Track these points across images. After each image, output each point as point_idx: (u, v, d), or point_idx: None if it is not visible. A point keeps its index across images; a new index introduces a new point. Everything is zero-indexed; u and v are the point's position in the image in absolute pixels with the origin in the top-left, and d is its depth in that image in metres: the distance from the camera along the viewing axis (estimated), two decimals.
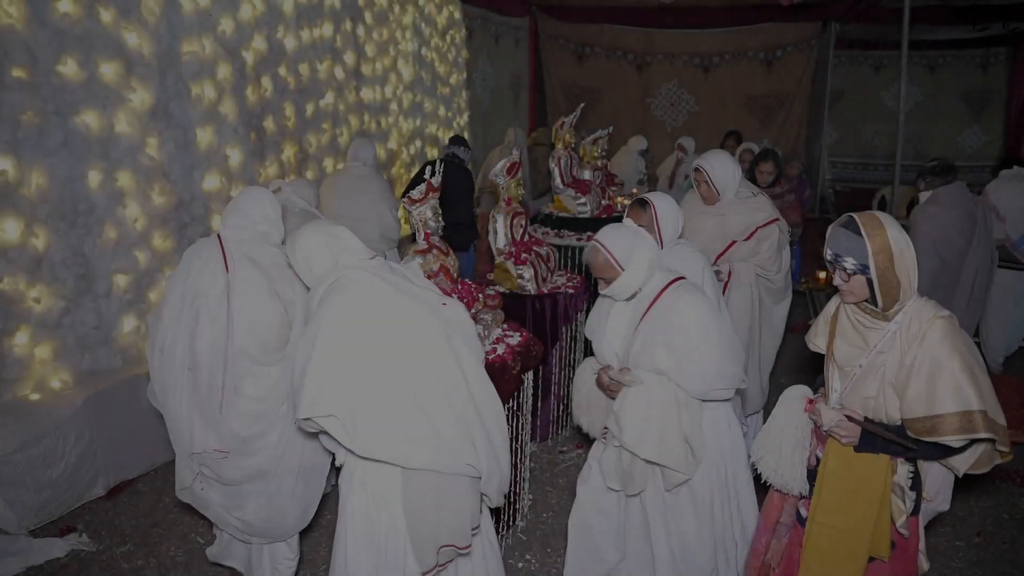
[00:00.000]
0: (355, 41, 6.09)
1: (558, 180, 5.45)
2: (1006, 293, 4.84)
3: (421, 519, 2.07)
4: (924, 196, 3.77)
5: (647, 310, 2.38)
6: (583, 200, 5.32)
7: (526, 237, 4.10)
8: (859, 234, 1.91)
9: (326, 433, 2.04)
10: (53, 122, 3.37)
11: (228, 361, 2.44)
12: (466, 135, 8.22)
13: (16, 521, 3.15)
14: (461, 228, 5.29)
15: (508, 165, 3.90)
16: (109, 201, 3.67)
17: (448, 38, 8.19)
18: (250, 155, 4.64)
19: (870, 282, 1.91)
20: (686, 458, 2.34)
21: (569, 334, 4.14)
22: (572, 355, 4.23)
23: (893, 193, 5.76)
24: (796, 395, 2.15)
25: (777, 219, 3.49)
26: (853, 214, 1.96)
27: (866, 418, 1.99)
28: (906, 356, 1.91)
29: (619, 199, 5.83)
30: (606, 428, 2.47)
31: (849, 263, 1.92)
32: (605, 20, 10.59)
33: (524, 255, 3.94)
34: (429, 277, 3.13)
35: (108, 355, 3.74)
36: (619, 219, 5.40)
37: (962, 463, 2.02)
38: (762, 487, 2.29)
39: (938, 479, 2.12)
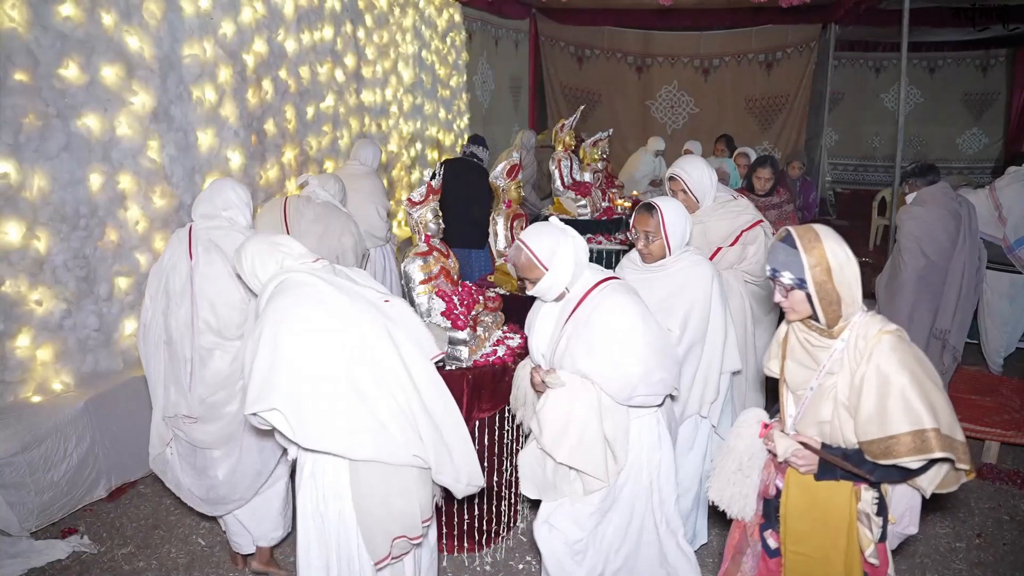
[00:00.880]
0: (355, 44, 6.11)
1: (558, 182, 5.47)
2: (1002, 295, 4.86)
3: (370, 511, 2.13)
4: (910, 198, 3.81)
5: (573, 310, 2.32)
6: (583, 202, 5.33)
7: None
8: (795, 248, 1.85)
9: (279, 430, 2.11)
10: (55, 125, 3.38)
11: (195, 337, 2.71)
12: (465, 138, 8.25)
13: (18, 523, 3.15)
14: (478, 227, 5.16)
15: (508, 167, 3.91)
16: (110, 204, 3.68)
17: (448, 41, 8.21)
18: (251, 158, 4.65)
19: (809, 297, 1.85)
20: (605, 464, 2.27)
21: None
22: None
23: (893, 195, 5.77)
24: (750, 418, 2.08)
25: (761, 221, 3.38)
26: (790, 227, 1.91)
27: (824, 444, 1.92)
28: (855, 375, 1.84)
29: (619, 201, 5.84)
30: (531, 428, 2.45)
31: (786, 278, 1.87)
32: (605, 22, 10.61)
33: None
34: (429, 279, 3.14)
35: (109, 357, 3.74)
36: (619, 221, 5.44)
37: (928, 483, 1.93)
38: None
39: (903, 501, 2.03)
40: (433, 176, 3.21)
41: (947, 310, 3.59)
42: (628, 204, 5.99)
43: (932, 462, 1.84)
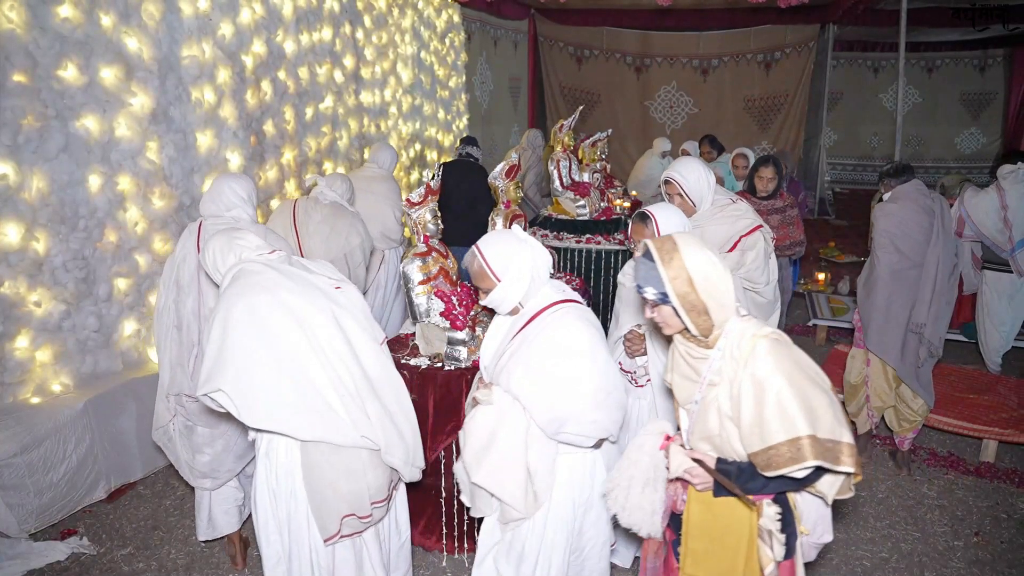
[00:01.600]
0: (354, 45, 6.11)
1: (557, 183, 5.47)
2: (1001, 295, 4.87)
3: (319, 489, 2.22)
4: (886, 197, 3.87)
5: (523, 327, 2.18)
6: (582, 203, 5.33)
7: None
8: (654, 261, 1.77)
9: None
10: (54, 126, 3.38)
11: (201, 325, 2.88)
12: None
13: (17, 524, 3.16)
14: (483, 226, 5.28)
15: (507, 168, 3.92)
16: (109, 205, 3.68)
17: (447, 41, 8.22)
18: (250, 158, 4.65)
19: (676, 311, 1.77)
20: (524, 497, 2.14)
21: None
22: None
23: None
24: (654, 430, 1.97)
25: (760, 226, 3.24)
26: (648, 241, 1.82)
27: (720, 459, 1.83)
28: (733, 384, 1.75)
29: (617, 202, 5.84)
30: None
31: (650, 293, 1.78)
32: (604, 23, 10.63)
33: None
34: (428, 280, 3.14)
35: (109, 358, 3.75)
36: (618, 222, 5.45)
37: (828, 488, 1.82)
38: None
39: (813, 510, 1.92)
40: (432, 177, 3.22)
41: (923, 304, 3.63)
42: (627, 205, 5.99)
43: (823, 468, 1.73)
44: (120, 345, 3.81)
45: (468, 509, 2.39)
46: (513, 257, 2.16)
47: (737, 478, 1.80)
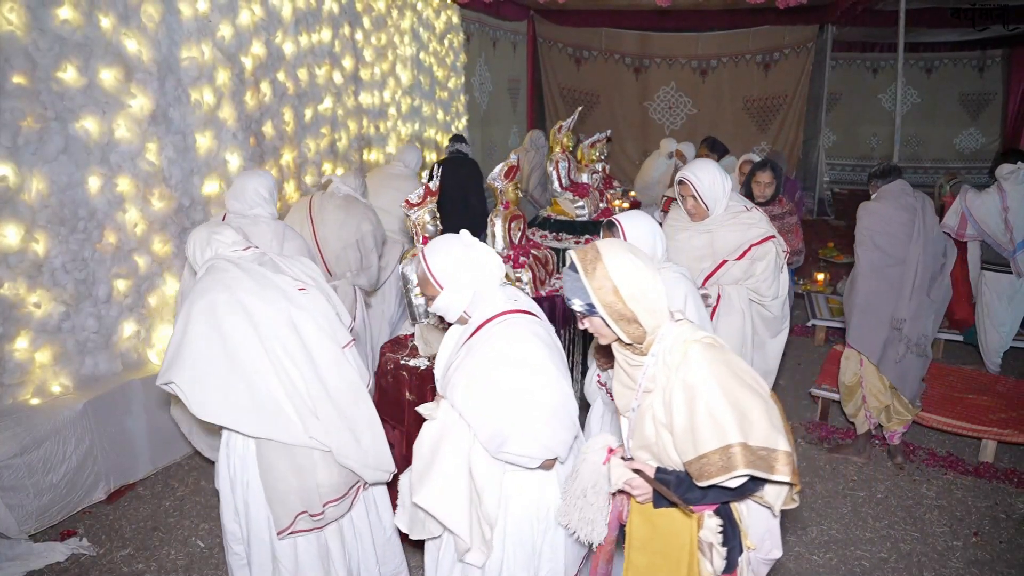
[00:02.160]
0: (353, 46, 6.12)
1: (556, 184, 5.48)
2: (1001, 296, 4.88)
3: (272, 484, 2.31)
4: (873, 196, 3.93)
5: (468, 338, 2.09)
6: (581, 203, 5.34)
7: (524, 240, 4.12)
8: (577, 272, 1.70)
9: None
10: (53, 128, 3.39)
11: None
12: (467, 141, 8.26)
13: (17, 525, 3.16)
14: (476, 217, 5.51)
15: (506, 169, 3.92)
16: (109, 206, 3.69)
17: (446, 42, 8.22)
18: (249, 160, 4.66)
19: (604, 320, 1.70)
20: (469, 523, 2.04)
21: (567, 337, 4.16)
22: (571, 358, 4.24)
23: None
24: (597, 443, 1.89)
25: (773, 236, 3.12)
26: (572, 252, 1.75)
27: (659, 468, 1.76)
28: (665, 391, 1.69)
29: (617, 202, 5.85)
30: None
31: (576, 305, 1.72)
32: (603, 24, 10.63)
33: (522, 258, 3.96)
34: None
35: (108, 360, 3.75)
36: None
37: (775, 499, 1.74)
38: None
39: (761, 524, 1.84)
40: (431, 178, 3.22)
41: (903, 300, 3.67)
42: (627, 206, 6.00)
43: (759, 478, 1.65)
44: (120, 346, 3.81)
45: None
46: (456, 264, 2.07)
47: (676, 488, 1.72)
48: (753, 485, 1.69)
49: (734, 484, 1.64)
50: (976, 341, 5.14)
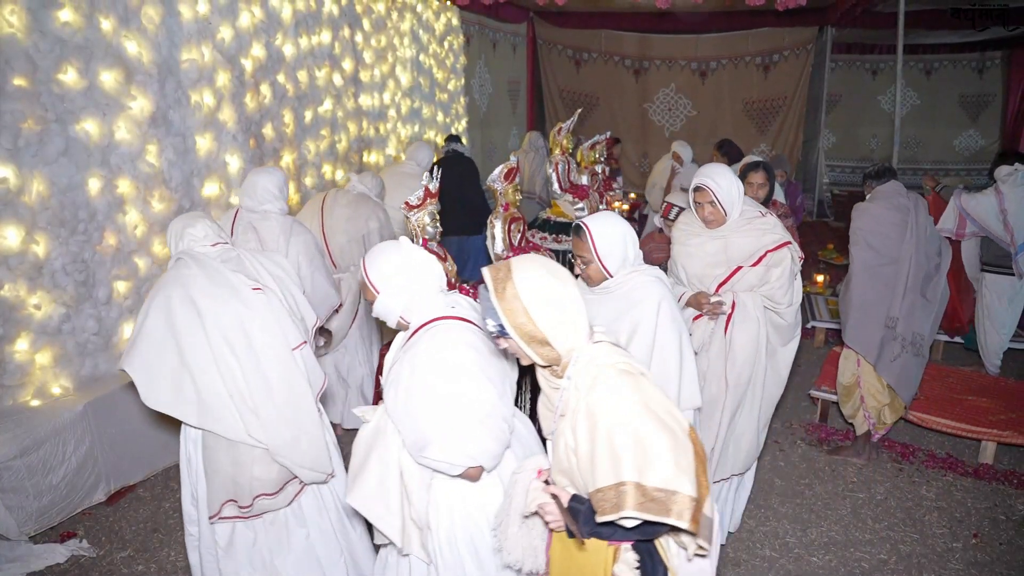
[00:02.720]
0: (353, 48, 6.13)
1: (556, 185, 5.48)
2: (1001, 297, 4.88)
3: (209, 470, 2.49)
4: (868, 197, 3.95)
5: (404, 343, 2.10)
6: (581, 205, 5.34)
7: (524, 242, 4.12)
8: (488, 291, 1.62)
9: None
10: (53, 130, 3.39)
11: None
12: (464, 141, 8.26)
13: (16, 527, 3.16)
14: (474, 211, 5.71)
15: (505, 171, 3.92)
16: (109, 208, 3.69)
17: (446, 44, 8.23)
18: (249, 162, 4.66)
19: (516, 342, 1.62)
20: (402, 526, 2.05)
21: None
22: None
23: None
24: (530, 465, 1.82)
25: (789, 242, 3.02)
26: (485, 269, 1.66)
27: (574, 496, 1.66)
28: (575, 415, 1.60)
29: (616, 204, 5.85)
30: None
31: (490, 326, 1.63)
32: (602, 25, 10.64)
33: None
34: None
35: (108, 361, 3.75)
36: None
37: (690, 540, 1.63)
38: None
39: (694, 564, 1.70)
40: (431, 180, 3.22)
41: (896, 299, 3.69)
42: (626, 207, 6.00)
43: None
44: (120, 348, 3.81)
45: None
46: (393, 270, 2.08)
47: (587, 518, 1.59)
48: (661, 526, 1.55)
49: (628, 524, 1.52)
50: (976, 346, 5.14)
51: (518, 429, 2.18)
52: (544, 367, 1.68)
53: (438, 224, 3.29)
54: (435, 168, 3.49)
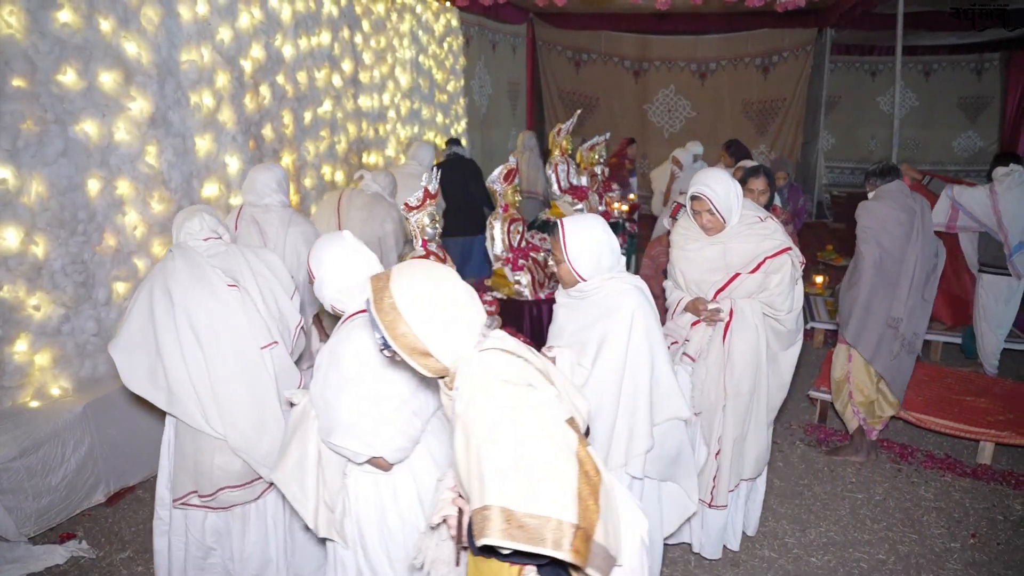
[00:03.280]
0: (353, 49, 6.13)
1: (555, 186, 5.49)
2: (998, 298, 4.89)
3: (178, 455, 2.61)
4: (870, 195, 3.94)
5: (337, 329, 2.16)
6: (580, 206, 5.34)
7: (523, 243, 4.13)
8: (370, 300, 1.54)
9: None
10: (53, 131, 3.40)
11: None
12: (463, 142, 8.28)
13: (15, 528, 3.16)
14: (477, 211, 5.78)
15: (505, 172, 3.93)
16: (108, 209, 3.70)
17: (446, 45, 8.24)
18: (249, 163, 4.66)
19: (399, 354, 1.54)
20: (315, 508, 2.13)
21: None
22: None
23: None
24: (450, 473, 1.76)
25: (789, 248, 2.93)
26: (370, 277, 1.59)
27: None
28: (457, 428, 1.52)
29: (616, 205, 5.86)
30: None
31: (376, 338, 1.55)
32: (602, 27, 10.65)
33: (521, 261, 3.97)
34: None
35: (108, 362, 3.75)
36: (616, 225, 5.45)
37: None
38: None
39: None
40: (431, 181, 3.23)
41: (899, 300, 3.71)
42: (626, 208, 6.01)
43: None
44: None
45: None
46: (328, 258, 2.17)
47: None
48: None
49: (504, 551, 1.39)
50: (976, 355, 5.13)
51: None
52: (437, 379, 1.60)
53: (438, 225, 3.30)
54: (435, 169, 3.51)
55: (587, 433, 2.02)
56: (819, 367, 4.98)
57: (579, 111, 6.75)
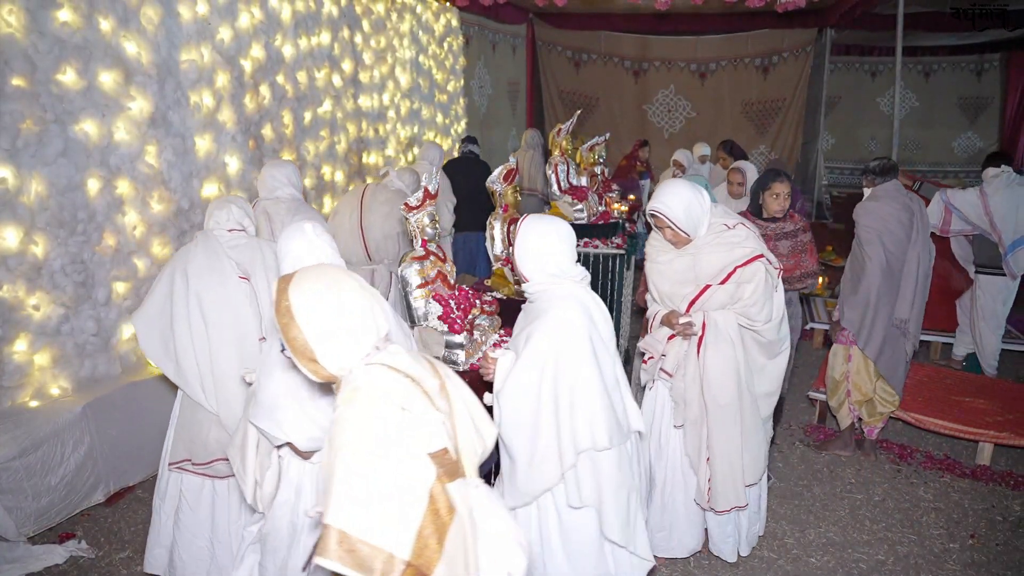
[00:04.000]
0: (353, 49, 6.13)
1: (555, 186, 5.48)
2: (995, 298, 4.90)
3: (178, 423, 2.83)
4: (867, 192, 3.94)
5: None
6: (580, 207, 5.34)
7: None
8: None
9: None
10: (52, 130, 3.39)
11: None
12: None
13: (15, 528, 3.16)
14: (483, 213, 5.66)
15: (504, 172, 3.93)
16: (108, 209, 3.69)
17: (445, 45, 8.24)
18: (248, 163, 4.66)
19: (291, 359, 1.57)
20: (253, 485, 2.28)
21: None
22: None
23: None
24: None
25: (761, 255, 2.78)
26: (279, 278, 1.61)
27: None
28: None
29: (615, 205, 5.85)
30: None
31: (277, 344, 1.65)
32: (602, 27, 10.65)
33: None
34: (426, 284, 3.16)
35: (107, 362, 3.75)
36: (615, 226, 5.45)
37: None
38: None
39: None
40: (434, 176, 3.23)
41: (904, 300, 3.73)
42: (625, 208, 6.00)
43: None
44: (119, 349, 3.81)
45: None
46: (284, 252, 2.25)
47: None
48: None
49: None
50: (978, 369, 5.12)
51: None
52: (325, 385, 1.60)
53: (437, 225, 3.29)
54: (434, 169, 3.53)
55: (494, 458, 2.06)
56: (818, 368, 4.99)
57: (579, 111, 6.75)
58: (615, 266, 4.89)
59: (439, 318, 3.11)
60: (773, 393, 3.00)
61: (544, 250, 2.32)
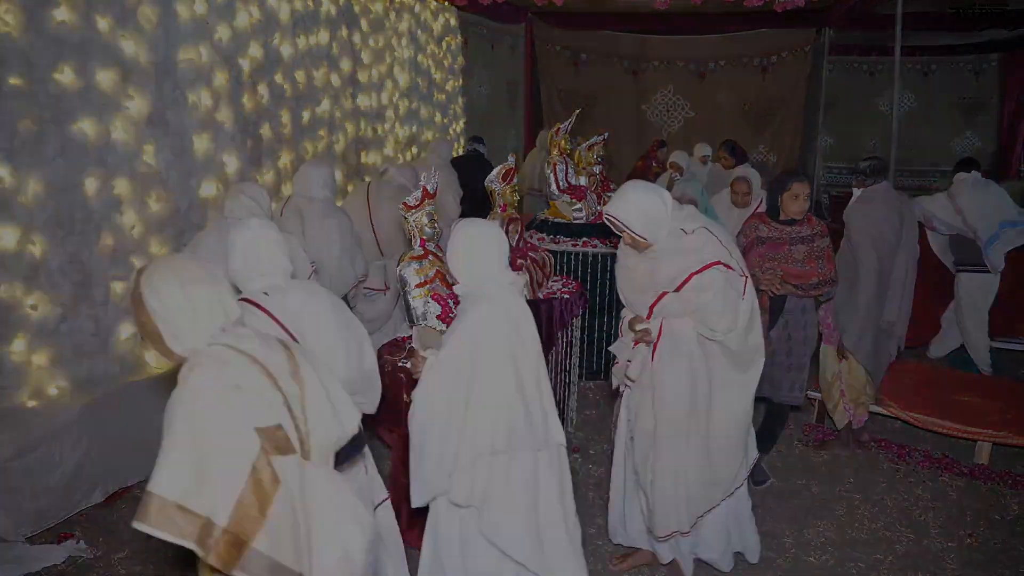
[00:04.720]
0: (351, 48, 6.13)
1: (554, 186, 5.48)
2: (976, 293, 4.93)
3: None
4: (857, 192, 3.96)
5: None
6: (578, 206, 5.34)
7: (522, 243, 4.12)
8: None
9: None
10: (50, 130, 3.39)
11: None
12: (462, 141, 8.28)
13: (13, 528, 3.16)
14: (484, 212, 5.79)
15: (504, 171, 3.93)
16: (106, 208, 3.69)
17: (444, 45, 8.23)
18: (247, 162, 4.66)
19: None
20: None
21: (564, 339, 4.17)
22: (568, 360, 4.25)
23: None
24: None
25: (718, 262, 2.64)
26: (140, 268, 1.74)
27: None
28: None
29: None
30: None
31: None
32: (601, 26, 10.64)
33: (519, 261, 3.97)
34: (425, 283, 3.15)
35: (106, 362, 3.74)
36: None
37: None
38: None
39: None
40: (433, 176, 3.23)
41: (892, 302, 3.76)
42: None
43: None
44: (117, 349, 3.81)
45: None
46: (229, 242, 2.30)
47: None
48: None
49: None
50: (960, 363, 5.14)
51: None
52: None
53: (436, 224, 3.29)
54: (433, 169, 3.51)
55: (353, 447, 2.07)
56: (817, 368, 4.99)
57: (578, 111, 6.75)
58: (613, 266, 4.88)
59: (438, 317, 3.11)
60: (745, 412, 2.83)
61: (473, 253, 2.38)
